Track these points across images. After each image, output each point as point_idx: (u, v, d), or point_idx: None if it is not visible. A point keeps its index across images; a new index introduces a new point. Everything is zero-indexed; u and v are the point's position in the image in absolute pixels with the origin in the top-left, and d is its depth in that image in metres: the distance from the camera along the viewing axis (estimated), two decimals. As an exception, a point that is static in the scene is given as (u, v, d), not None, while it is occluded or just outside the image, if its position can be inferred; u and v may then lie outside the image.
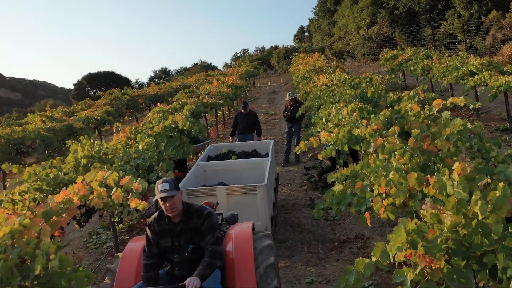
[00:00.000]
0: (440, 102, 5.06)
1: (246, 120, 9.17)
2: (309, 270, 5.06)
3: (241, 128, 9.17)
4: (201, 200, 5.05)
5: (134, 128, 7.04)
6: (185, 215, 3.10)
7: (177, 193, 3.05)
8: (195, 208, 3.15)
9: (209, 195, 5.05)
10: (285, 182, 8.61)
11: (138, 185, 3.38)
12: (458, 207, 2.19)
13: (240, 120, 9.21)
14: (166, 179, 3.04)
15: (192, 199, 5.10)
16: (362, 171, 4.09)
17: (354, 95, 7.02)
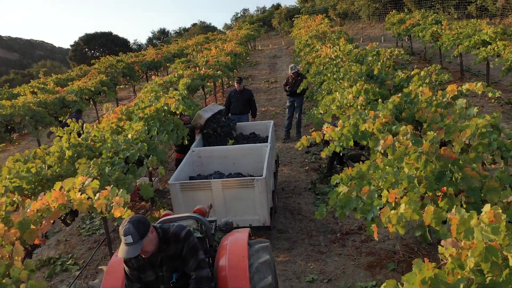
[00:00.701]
0: (454, 88, 4.63)
1: (240, 99, 8.47)
2: (310, 267, 4.82)
3: (235, 108, 8.48)
4: (196, 194, 4.75)
5: (125, 108, 6.63)
6: (162, 242, 2.76)
7: (145, 239, 2.60)
8: (172, 232, 2.79)
9: (204, 188, 4.73)
10: (286, 161, 8.29)
11: (119, 199, 3.04)
12: (487, 254, 1.85)
13: (234, 99, 8.49)
14: (128, 229, 2.53)
15: (186, 192, 4.80)
16: (369, 171, 3.74)
17: (359, 73, 6.54)
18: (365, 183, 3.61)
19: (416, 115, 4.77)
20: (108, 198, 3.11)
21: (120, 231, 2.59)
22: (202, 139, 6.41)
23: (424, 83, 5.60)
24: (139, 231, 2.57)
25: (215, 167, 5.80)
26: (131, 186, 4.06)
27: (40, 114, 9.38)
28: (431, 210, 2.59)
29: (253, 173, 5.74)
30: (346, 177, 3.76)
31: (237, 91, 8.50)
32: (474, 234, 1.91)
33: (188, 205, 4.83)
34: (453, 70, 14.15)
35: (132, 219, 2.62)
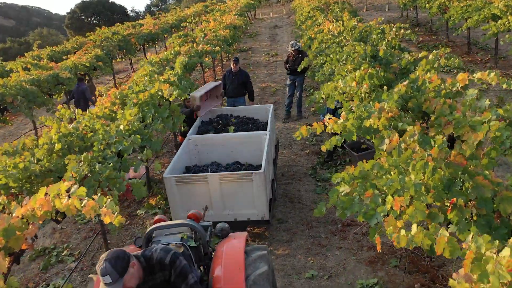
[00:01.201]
0: (465, 78, 4.35)
1: (235, 81, 7.89)
2: (310, 261, 4.71)
3: (230, 91, 7.96)
4: (192, 187, 4.57)
5: (119, 92, 6.36)
6: (148, 272, 2.57)
7: (126, 275, 2.37)
8: (156, 259, 2.58)
9: (200, 182, 4.55)
10: (286, 143, 8.08)
11: (106, 210, 2.85)
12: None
13: (229, 81, 7.93)
14: (104, 268, 2.30)
15: (182, 186, 4.62)
16: (373, 171, 3.53)
17: (363, 55, 6.21)
18: (368, 186, 3.41)
19: (423, 105, 4.52)
20: (96, 209, 2.92)
21: (97, 270, 2.35)
22: (199, 126, 6.16)
23: (433, 67, 5.30)
24: (118, 269, 2.33)
25: (212, 156, 5.60)
26: (122, 185, 3.87)
27: (33, 94, 9.09)
28: (444, 240, 2.40)
29: (252, 161, 5.55)
30: (348, 176, 3.55)
31: (232, 73, 7.95)
32: (490, 279, 1.73)
33: (184, 199, 4.67)
34: (460, 43, 13.72)
35: (108, 257, 2.37)
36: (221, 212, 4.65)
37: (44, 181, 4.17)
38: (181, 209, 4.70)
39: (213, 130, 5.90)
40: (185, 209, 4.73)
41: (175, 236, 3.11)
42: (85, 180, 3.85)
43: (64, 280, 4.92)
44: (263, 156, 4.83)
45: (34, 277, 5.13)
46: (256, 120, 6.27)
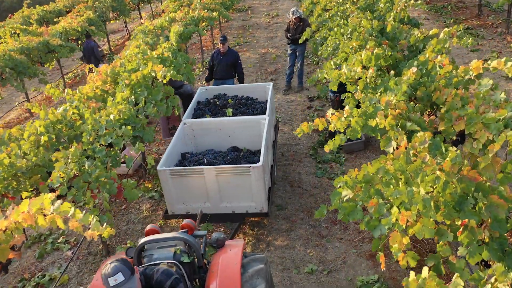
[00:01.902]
0: (479, 66, 4.03)
1: (223, 62, 7.22)
2: (309, 254, 4.60)
3: (219, 72, 7.35)
4: (187, 180, 4.38)
5: (111, 70, 6.02)
6: None
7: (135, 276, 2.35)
8: (156, 281, 2.47)
9: (196, 175, 4.36)
10: (286, 118, 7.81)
11: (91, 233, 2.66)
12: None
13: (217, 62, 7.27)
14: (115, 267, 2.25)
15: (177, 179, 4.43)
16: (378, 175, 3.32)
17: (370, 30, 5.81)
18: (372, 192, 3.21)
19: (433, 95, 4.23)
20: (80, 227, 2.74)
21: (104, 274, 2.30)
22: (195, 108, 5.87)
23: (444, 47, 4.95)
24: (128, 267, 2.35)
25: (209, 140, 5.37)
26: (113, 186, 3.67)
27: (22, 64, 8.70)
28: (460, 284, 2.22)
29: (250, 146, 5.33)
30: (351, 181, 3.35)
31: (221, 53, 7.25)
32: None
33: (179, 191, 4.50)
34: (470, 4, 13.07)
35: (114, 260, 2.38)
36: (218, 204, 4.50)
37: (32, 178, 3.98)
38: (176, 201, 4.55)
39: (210, 113, 5.62)
40: (181, 201, 4.58)
41: (167, 250, 2.95)
42: (74, 180, 3.65)
43: (59, 270, 4.85)
44: (261, 146, 4.61)
45: (30, 266, 5.06)
46: (255, 101, 5.96)
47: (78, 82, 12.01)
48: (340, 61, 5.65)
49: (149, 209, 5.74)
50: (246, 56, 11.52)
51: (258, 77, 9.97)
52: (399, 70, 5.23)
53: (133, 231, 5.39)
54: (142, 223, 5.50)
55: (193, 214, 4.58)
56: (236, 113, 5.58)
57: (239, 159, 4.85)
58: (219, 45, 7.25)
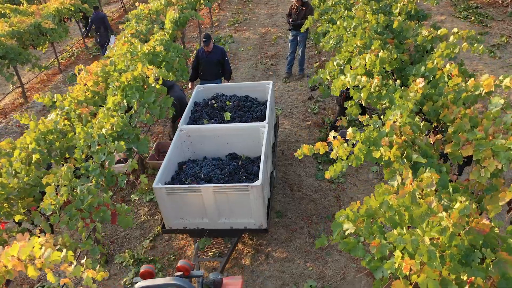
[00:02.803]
0: (491, 83, 3.81)
1: (210, 61, 6.59)
2: (309, 268, 4.55)
3: (205, 73, 6.73)
4: (184, 197, 4.26)
5: (101, 69, 5.77)
6: None
7: None
8: None
9: (193, 193, 4.23)
10: (287, 110, 7.60)
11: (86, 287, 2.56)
12: None
13: (203, 61, 6.64)
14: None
15: (173, 196, 4.27)
16: (381, 209, 3.19)
17: (375, 26, 5.50)
18: (375, 229, 3.10)
19: (440, 111, 4.04)
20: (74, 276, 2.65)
21: None
22: (192, 110, 5.67)
23: (453, 52, 4.69)
24: None
25: (207, 147, 5.19)
26: (107, 214, 3.55)
27: (14, 51, 8.39)
28: None
29: (249, 153, 5.17)
30: (352, 214, 3.22)
31: (206, 52, 6.59)
32: None
33: (176, 207, 4.38)
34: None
35: None
36: (216, 220, 4.39)
37: (24, 201, 3.86)
38: (173, 217, 4.45)
39: (207, 117, 5.42)
40: (178, 216, 4.47)
41: None
42: (66, 207, 3.53)
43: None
44: (261, 158, 4.45)
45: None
46: (254, 102, 5.71)
47: (73, 63, 11.68)
48: (343, 61, 5.40)
49: (147, 213, 5.67)
50: (245, 36, 11.13)
51: (258, 61, 9.65)
52: (405, 74, 5.01)
53: (131, 237, 5.34)
54: (140, 228, 5.44)
55: (191, 229, 4.51)
56: (234, 116, 5.35)
57: (237, 171, 4.70)
58: (204, 46, 6.52)
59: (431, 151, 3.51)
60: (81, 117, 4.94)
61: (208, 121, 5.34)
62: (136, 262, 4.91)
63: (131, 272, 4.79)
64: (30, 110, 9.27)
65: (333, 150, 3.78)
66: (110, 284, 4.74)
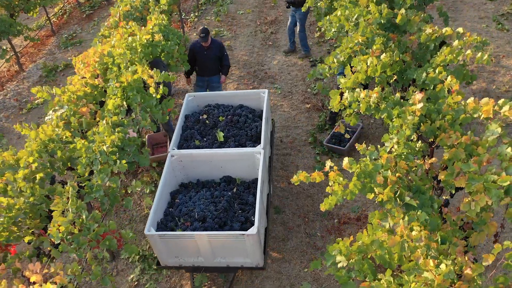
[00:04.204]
0: (490, 110, 3.80)
1: (209, 57, 6.27)
2: (304, 269, 4.84)
3: (203, 69, 6.42)
4: (178, 242, 4.23)
5: (99, 61, 5.66)
6: None
7: None
8: None
9: (187, 238, 4.16)
10: (286, 90, 7.52)
11: None
12: None
13: (200, 57, 6.30)
14: None
15: (167, 241, 4.21)
16: (372, 246, 3.37)
17: (378, 19, 5.29)
18: (366, 268, 3.29)
19: (437, 134, 4.07)
20: None
21: None
22: (183, 126, 5.42)
23: (456, 59, 4.59)
24: None
25: (200, 170, 5.05)
26: (113, 242, 3.72)
27: (4, 23, 8.09)
28: None
29: (244, 176, 5.03)
30: (345, 249, 3.40)
31: (203, 47, 6.23)
32: None
33: (170, 249, 4.33)
34: None
35: None
36: (212, 259, 4.33)
37: (32, 223, 4.02)
38: (168, 257, 4.40)
39: (199, 136, 5.20)
40: (172, 256, 4.41)
41: None
42: (73, 236, 3.70)
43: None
44: (256, 202, 4.23)
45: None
46: (247, 115, 5.41)
47: (66, 23, 11.30)
48: (344, 58, 5.30)
49: (150, 205, 5.87)
50: (244, -4, 10.65)
51: (257, 28, 9.34)
52: (406, 76, 4.94)
53: (136, 231, 5.60)
54: (143, 222, 5.68)
55: (186, 266, 4.46)
56: (228, 136, 5.15)
57: (232, 203, 4.63)
58: (202, 42, 6.14)
59: (425, 186, 3.61)
60: (82, 122, 4.96)
61: (200, 142, 5.16)
62: (142, 258, 5.21)
63: (137, 269, 5.10)
64: (26, 80, 9.16)
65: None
66: (118, 280, 5.07)
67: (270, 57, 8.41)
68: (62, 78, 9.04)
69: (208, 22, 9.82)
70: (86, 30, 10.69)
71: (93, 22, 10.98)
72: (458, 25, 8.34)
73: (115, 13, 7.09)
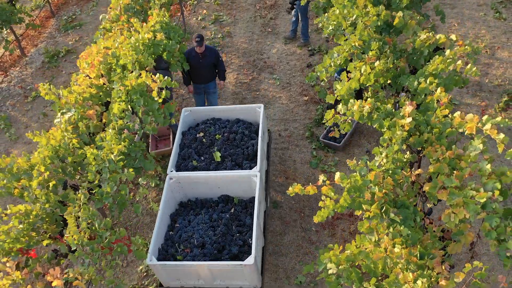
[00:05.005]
0: (473, 126, 4.05)
1: (204, 64, 6.29)
2: (299, 262, 5.26)
3: (198, 76, 6.45)
4: (180, 269, 4.46)
5: (103, 61, 5.83)
6: None
7: None
8: None
9: (187, 267, 4.40)
10: (285, 80, 7.70)
11: None
12: None
13: (195, 64, 6.31)
14: None
15: (168, 269, 4.44)
16: (359, 256, 3.73)
17: (376, 21, 5.41)
18: (353, 276, 3.67)
19: (424, 146, 4.35)
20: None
21: None
22: (180, 144, 5.55)
23: (447, 69, 4.78)
24: None
25: (198, 190, 5.23)
26: (124, 248, 4.07)
27: (5, 12, 8.14)
28: None
29: (242, 195, 5.22)
30: (335, 258, 3.77)
31: (198, 54, 6.25)
32: None
33: (171, 274, 4.57)
34: None
35: None
36: (212, 282, 4.54)
37: (49, 229, 4.38)
38: (169, 280, 4.64)
39: (196, 156, 5.33)
40: (174, 279, 4.63)
41: None
42: (88, 242, 4.06)
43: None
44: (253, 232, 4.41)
45: None
46: (244, 132, 5.51)
47: (65, 3, 11.25)
48: (340, 62, 5.48)
49: (155, 198, 6.23)
50: (244, -24, 10.55)
51: (257, 13, 9.36)
52: (400, 81, 5.14)
53: (142, 224, 5.99)
54: (150, 215, 6.06)
55: (187, 287, 4.66)
56: (224, 155, 5.25)
57: (231, 226, 4.81)
58: (196, 48, 6.16)
59: (409, 200, 3.92)
60: (89, 126, 5.22)
61: (198, 162, 5.25)
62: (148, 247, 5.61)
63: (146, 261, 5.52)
64: (29, 66, 9.30)
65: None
66: (129, 271, 5.51)
67: (269, 45, 8.51)
68: (64, 64, 9.18)
69: (207, 6, 9.82)
70: (85, 12, 10.68)
71: (92, 3, 10.94)
72: (456, 13, 8.39)
73: (116, 5, 7.16)
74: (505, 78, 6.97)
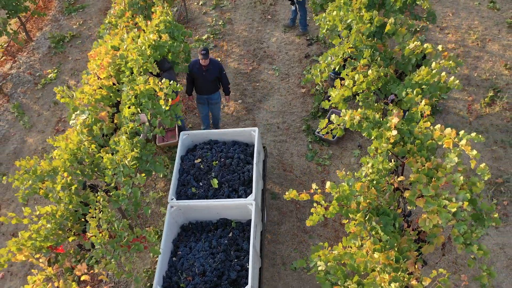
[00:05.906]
0: (450, 142, 4.52)
1: (208, 77, 6.47)
2: (295, 250, 5.89)
3: (202, 88, 6.65)
4: None
5: (112, 63, 6.20)
6: None
7: None
8: None
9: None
10: (283, 72, 8.04)
11: None
12: None
13: (200, 77, 6.49)
14: None
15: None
16: (345, 257, 4.33)
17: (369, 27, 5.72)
18: (339, 274, 4.28)
19: (407, 156, 4.84)
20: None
21: None
22: (180, 173, 5.83)
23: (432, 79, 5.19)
24: None
25: (198, 214, 5.60)
26: (140, 246, 4.65)
27: (11, 1, 8.34)
28: None
29: (240, 218, 5.58)
30: (324, 257, 4.37)
31: (202, 67, 6.40)
32: None
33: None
34: None
35: None
36: None
37: (73, 227, 4.96)
38: None
39: (195, 183, 5.65)
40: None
41: None
42: (109, 241, 4.66)
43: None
44: (249, 262, 4.79)
45: None
46: (239, 157, 5.79)
47: (66, -17, 11.32)
48: (335, 67, 5.85)
49: (163, 188, 6.80)
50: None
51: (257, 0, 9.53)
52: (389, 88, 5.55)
53: (153, 212, 6.58)
54: (159, 204, 6.65)
55: None
56: (222, 181, 5.55)
57: (229, 251, 5.12)
58: (201, 60, 6.30)
59: (390, 208, 4.47)
60: (102, 129, 5.68)
61: (196, 188, 5.54)
62: (160, 239, 6.24)
63: (157, 247, 6.16)
64: (36, 51, 9.59)
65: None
66: (142, 256, 6.16)
67: (269, 34, 8.77)
68: (70, 49, 9.47)
69: (208, -11, 9.96)
70: (87, -7, 10.80)
71: (93, -17, 11.02)
72: (452, 2, 8.59)
73: (120, 0, 7.39)
74: (493, 73, 7.32)
